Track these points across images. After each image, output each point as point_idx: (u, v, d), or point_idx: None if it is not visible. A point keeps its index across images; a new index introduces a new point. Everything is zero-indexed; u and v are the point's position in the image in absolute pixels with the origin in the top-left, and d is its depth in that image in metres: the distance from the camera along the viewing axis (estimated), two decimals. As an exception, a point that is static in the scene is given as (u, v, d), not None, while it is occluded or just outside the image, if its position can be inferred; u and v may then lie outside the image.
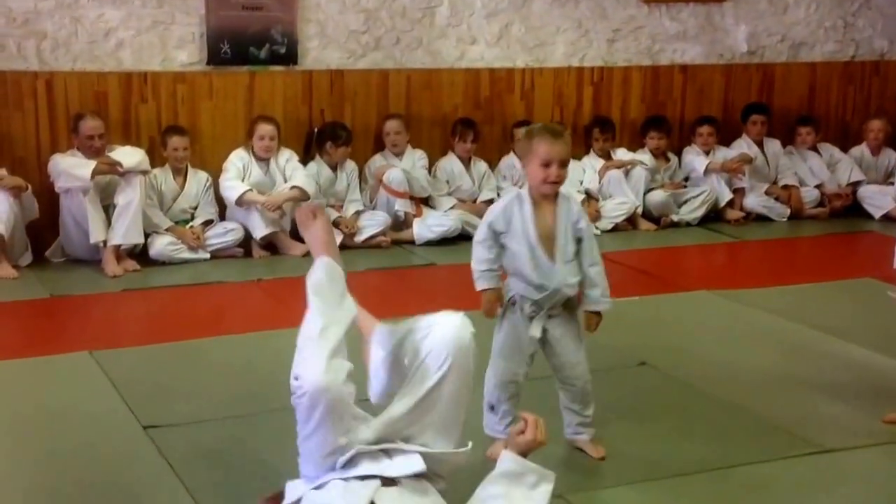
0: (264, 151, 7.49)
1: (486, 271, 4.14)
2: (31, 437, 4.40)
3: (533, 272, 4.07)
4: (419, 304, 4.05)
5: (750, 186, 8.77)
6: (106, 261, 6.89)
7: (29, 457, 4.21)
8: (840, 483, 4.09)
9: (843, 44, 9.66)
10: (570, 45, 8.69)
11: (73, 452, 4.23)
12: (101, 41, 7.42)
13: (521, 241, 4.09)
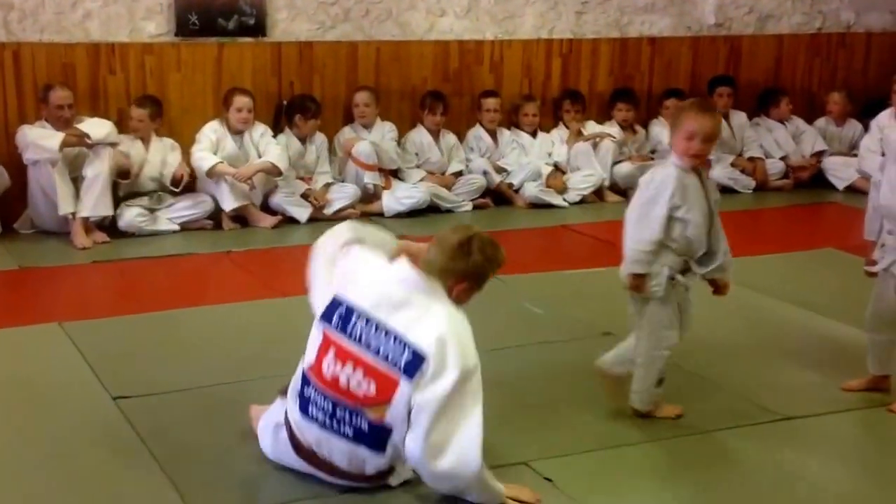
0: (242, 123, 7.48)
1: (649, 252, 4.23)
2: (1, 410, 4.42)
3: (708, 240, 4.21)
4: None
5: (716, 158, 8.82)
6: (75, 233, 6.89)
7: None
8: (802, 449, 4.17)
9: (810, 16, 9.72)
10: (538, 17, 8.72)
11: (43, 423, 4.26)
12: (68, 12, 7.39)
13: (697, 211, 4.17)
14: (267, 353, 4.94)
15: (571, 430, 4.24)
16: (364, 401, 3.56)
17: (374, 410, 3.56)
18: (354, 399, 3.58)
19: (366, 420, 3.57)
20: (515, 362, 4.90)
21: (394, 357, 3.51)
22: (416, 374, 3.47)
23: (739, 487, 3.86)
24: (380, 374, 3.54)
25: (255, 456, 3.93)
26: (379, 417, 3.55)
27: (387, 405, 3.53)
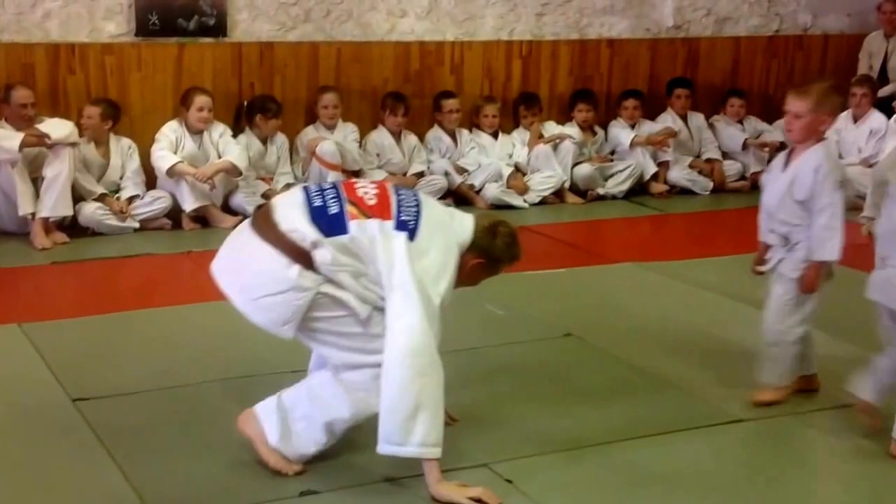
0: (202, 123, 7.46)
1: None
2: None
3: None
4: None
5: (674, 160, 8.92)
6: (35, 233, 6.85)
7: (-43, 430, 4.22)
8: (756, 451, 4.23)
9: (767, 18, 9.82)
10: (498, 18, 8.75)
11: (1, 426, 4.23)
12: (27, 12, 7.35)
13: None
14: (227, 355, 4.94)
15: (532, 432, 4.27)
16: (360, 206, 3.71)
17: (355, 214, 3.68)
18: (353, 195, 3.74)
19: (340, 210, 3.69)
20: (477, 363, 4.92)
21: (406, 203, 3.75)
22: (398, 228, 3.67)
23: (697, 490, 3.90)
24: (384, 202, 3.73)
25: (217, 457, 3.94)
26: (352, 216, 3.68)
27: (368, 216, 3.68)
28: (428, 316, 3.61)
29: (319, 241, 3.64)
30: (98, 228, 7.15)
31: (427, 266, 3.67)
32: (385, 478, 3.83)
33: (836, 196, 4.25)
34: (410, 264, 3.62)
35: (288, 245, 3.67)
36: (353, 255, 3.66)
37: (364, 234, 3.66)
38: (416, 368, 3.59)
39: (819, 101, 4.24)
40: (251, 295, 3.74)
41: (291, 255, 3.66)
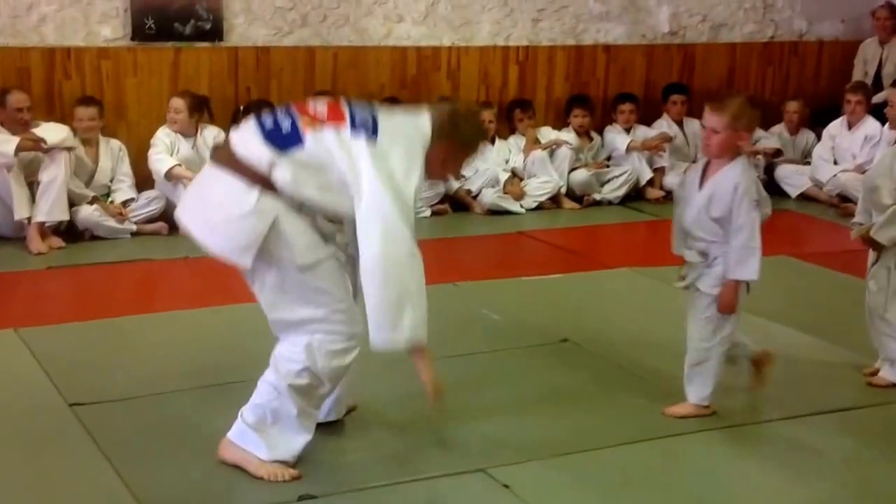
0: (172, 124, 7.46)
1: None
2: (-44, 416, 4.40)
3: None
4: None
5: (670, 165, 8.92)
6: (30, 238, 6.84)
7: (-46, 435, 4.21)
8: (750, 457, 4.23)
9: (763, 25, 9.84)
10: (495, 24, 8.76)
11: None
12: (23, 16, 7.35)
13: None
14: (224, 360, 4.93)
15: (529, 437, 4.27)
16: (311, 118, 3.73)
17: (308, 124, 3.70)
18: (304, 112, 3.75)
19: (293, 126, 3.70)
20: (473, 369, 4.92)
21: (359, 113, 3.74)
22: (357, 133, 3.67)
23: (694, 494, 3.90)
24: (337, 112, 3.74)
25: (214, 463, 3.93)
26: (305, 127, 3.69)
27: (318, 127, 3.69)
28: (400, 212, 3.62)
29: (275, 159, 3.66)
30: (96, 231, 7.13)
31: (393, 166, 3.66)
32: (382, 482, 3.83)
33: (753, 214, 4.17)
34: (376, 165, 3.63)
35: (245, 170, 3.68)
36: (314, 168, 3.67)
37: (321, 144, 3.67)
38: (396, 267, 3.64)
39: (735, 117, 4.17)
40: (211, 224, 3.75)
41: (250, 180, 3.66)
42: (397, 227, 3.61)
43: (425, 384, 3.77)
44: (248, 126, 3.80)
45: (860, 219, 4.82)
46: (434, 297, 5.89)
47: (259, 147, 3.68)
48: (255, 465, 3.83)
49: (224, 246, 3.74)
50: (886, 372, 4.81)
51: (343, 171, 3.65)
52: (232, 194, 3.68)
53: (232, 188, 3.68)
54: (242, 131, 3.82)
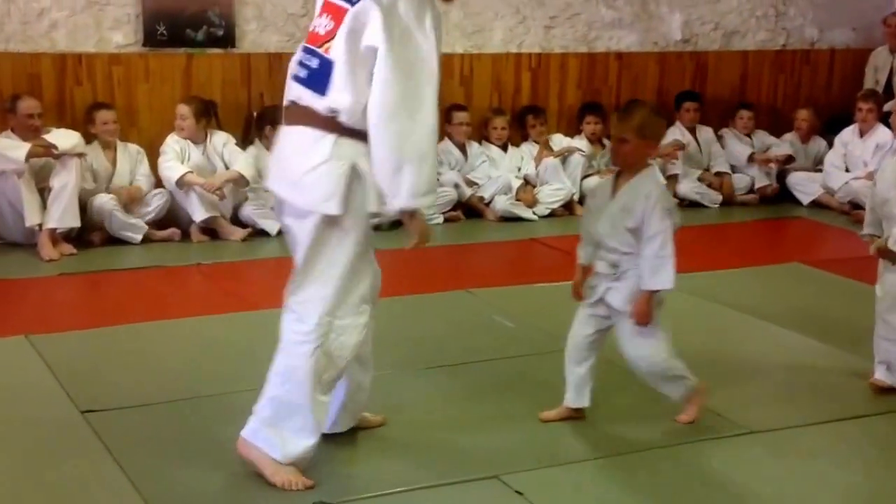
0: (180, 131, 7.46)
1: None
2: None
3: None
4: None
5: (683, 173, 8.90)
6: (42, 244, 6.84)
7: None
8: (764, 464, 4.19)
9: (775, 32, 9.82)
10: (507, 31, 8.75)
11: (9, 438, 4.21)
12: (34, 22, 7.35)
13: None
14: (237, 367, 4.91)
15: (543, 444, 4.24)
16: (324, 38, 3.69)
17: (324, 46, 3.68)
18: (317, 39, 3.71)
19: (317, 58, 3.69)
20: (486, 375, 4.90)
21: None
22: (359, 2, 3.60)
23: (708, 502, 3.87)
24: (339, 11, 3.66)
25: (228, 469, 3.91)
26: (326, 50, 3.66)
27: (333, 38, 3.64)
28: (402, 68, 3.58)
29: (328, 95, 3.66)
30: (109, 224, 7.12)
31: (402, 13, 3.61)
32: (395, 489, 3.81)
33: (666, 223, 4.13)
34: (384, 24, 3.57)
35: (315, 118, 3.69)
36: (355, 73, 3.63)
37: (343, 49, 3.63)
38: (394, 125, 3.60)
39: (642, 126, 4.11)
40: (294, 177, 3.73)
41: (322, 127, 3.67)
42: (396, 84, 3.59)
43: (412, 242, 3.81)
44: (295, 85, 3.79)
45: (870, 230, 4.78)
46: (447, 304, 5.95)
47: (311, 97, 3.70)
48: (271, 469, 3.81)
49: (311, 197, 3.70)
50: (882, 374, 4.76)
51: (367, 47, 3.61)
52: (308, 144, 3.69)
53: (307, 139, 3.70)
54: (293, 88, 3.80)
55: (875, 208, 4.76)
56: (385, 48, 3.57)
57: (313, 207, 3.69)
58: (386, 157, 3.63)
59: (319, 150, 3.67)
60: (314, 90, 3.70)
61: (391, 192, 3.65)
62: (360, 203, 3.71)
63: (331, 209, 3.67)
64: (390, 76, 3.58)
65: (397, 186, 3.64)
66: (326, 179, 3.66)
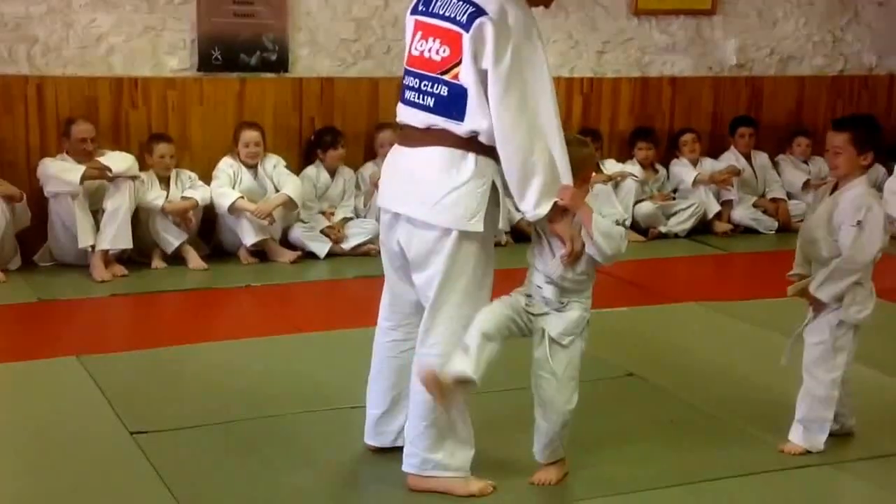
0: (250, 158, 7.49)
1: None
2: (17, 443, 4.39)
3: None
4: (408, 313, 4.06)
5: (738, 199, 8.81)
6: (94, 265, 6.88)
7: (15, 463, 4.21)
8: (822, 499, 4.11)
9: (832, 58, 9.71)
10: (559, 55, 8.72)
11: (60, 458, 4.22)
12: (92, 46, 7.42)
13: None
14: (286, 390, 4.90)
15: (593, 473, 4.17)
16: (442, 65, 3.74)
17: (450, 73, 3.72)
18: (434, 66, 3.76)
19: (444, 85, 3.73)
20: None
21: (458, 15, 3.69)
22: (473, 24, 3.64)
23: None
24: (451, 35, 3.71)
25: (276, 492, 3.89)
26: (454, 77, 3.70)
27: (458, 64, 3.69)
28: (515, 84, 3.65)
29: (465, 121, 3.71)
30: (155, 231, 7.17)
31: (512, 28, 3.65)
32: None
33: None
34: (496, 42, 3.62)
35: (453, 139, 3.73)
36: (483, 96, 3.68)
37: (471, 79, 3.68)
38: (515, 141, 3.66)
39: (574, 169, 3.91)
40: (434, 198, 3.74)
41: (463, 147, 3.72)
42: (513, 110, 3.65)
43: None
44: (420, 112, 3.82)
45: (799, 270, 4.56)
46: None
47: (447, 122, 3.74)
48: (460, 486, 3.86)
49: (451, 217, 3.74)
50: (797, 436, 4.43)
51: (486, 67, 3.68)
52: (449, 164, 3.74)
53: (446, 158, 3.74)
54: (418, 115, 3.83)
55: (803, 247, 4.49)
56: (497, 65, 3.63)
57: (456, 225, 3.73)
58: (513, 171, 3.70)
59: (462, 169, 3.72)
60: (449, 117, 3.74)
61: (523, 203, 3.73)
62: (494, 220, 3.79)
63: (476, 227, 3.73)
64: (504, 93, 3.63)
65: (527, 197, 3.71)
66: (470, 198, 3.71)
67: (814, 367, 4.38)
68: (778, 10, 9.41)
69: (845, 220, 4.24)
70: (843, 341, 4.34)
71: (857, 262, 4.24)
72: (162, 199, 7.19)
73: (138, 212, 7.13)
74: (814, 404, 4.37)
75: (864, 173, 4.34)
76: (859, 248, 4.21)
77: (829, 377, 4.34)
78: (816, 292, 4.30)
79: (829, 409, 4.35)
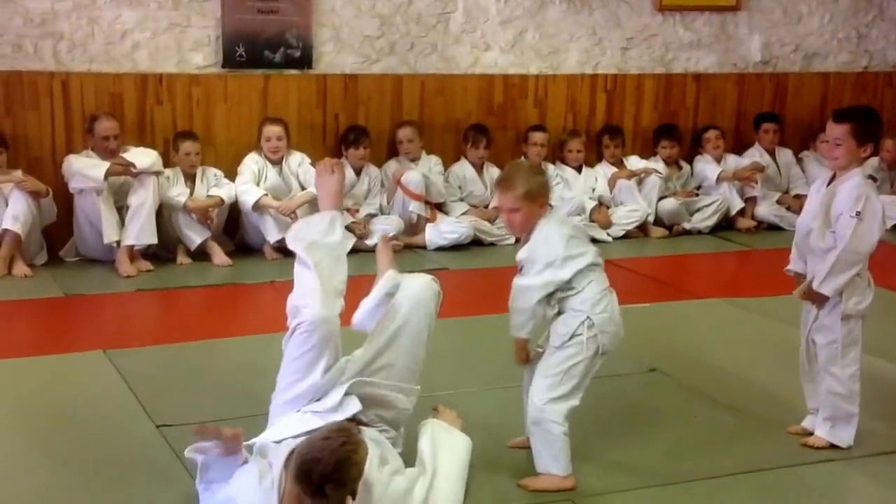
0: (272, 153, 7.52)
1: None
2: (45, 436, 4.43)
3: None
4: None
5: (762, 195, 8.79)
6: (119, 261, 6.92)
7: (43, 455, 4.24)
8: (848, 491, 4.11)
9: (857, 55, 9.67)
10: (583, 52, 8.72)
11: (87, 450, 4.26)
12: (117, 43, 7.46)
13: None
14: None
15: (616, 467, 4.20)
16: None
17: None
18: None
19: None
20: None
21: None
22: None
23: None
24: None
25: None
26: None
27: None
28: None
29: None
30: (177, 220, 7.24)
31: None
32: None
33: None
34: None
35: None
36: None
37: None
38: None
39: (528, 191, 3.96)
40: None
41: None
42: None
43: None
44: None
45: (795, 267, 4.53)
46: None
47: None
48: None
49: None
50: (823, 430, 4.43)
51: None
52: None
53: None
54: None
55: (799, 242, 4.49)
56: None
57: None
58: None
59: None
60: None
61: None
62: None
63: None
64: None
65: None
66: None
67: (831, 366, 4.37)
68: (802, 7, 9.39)
69: (844, 212, 4.23)
70: (853, 336, 4.35)
71: (859, 253, 4.25)
72: (185, 196, 7.23)
73: (162, 208, 7.18)
74: (838, 402, 4.37)
75: (861, 164, 4.33)
76: (859, 237, 4.22)
77: (846, 373, 4.35)
78: (820, 288, 4.30)
79: (853, 404, 4.36)
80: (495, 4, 8.38)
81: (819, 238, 4.31)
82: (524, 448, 4.16)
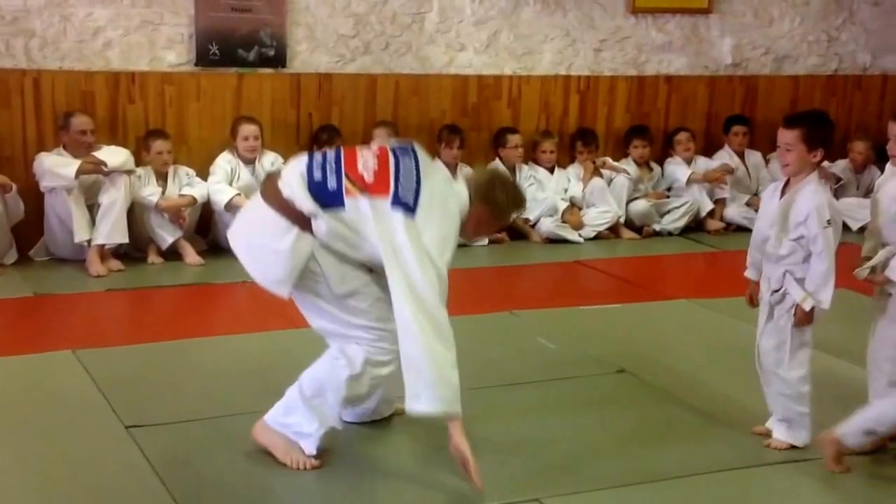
0: (248, 152, 7.52)
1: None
2: (12, 436, 4.42)
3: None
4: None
5: (731, 197, 8.85)
6: (90, 260, 6.90)
7: (9, 456, 4.23)
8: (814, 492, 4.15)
9: (827, 58, 9.74)
10: (557, 53, 8.75)
11: (55, 451, 4.25)
12: (89, 40, 7.44)
13: None
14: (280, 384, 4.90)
15: (584, 467, 4.22)
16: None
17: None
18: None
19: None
20: (530, 397, 4.89)
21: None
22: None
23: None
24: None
25: (270, 487, 3.92)
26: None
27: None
28: (433, 289, 3.80)
29: (316, 212, 3.89)
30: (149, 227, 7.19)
31: (429, 240, 3.83)
32: None
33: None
34: (413, 242, 3.80)
35: (287, 210, 3.94)
36: (349, 228, 3.91)
37: (359, 212, 3.88)
38: (428, 342, 3.78)
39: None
40: (254, 254, 4.05)
41: (290, 219, 3.93)
42: (431, 304, 3.80)
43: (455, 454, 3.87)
44: (299, 167, 4.00)
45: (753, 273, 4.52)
46: (491, 326, 5.94)
47: (303, 196, 3.92)
48: (282, 450, 4.07)
49: (263, 276, 4.07)
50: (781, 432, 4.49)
51: (376, 240, 3.85)
52: (272, 230, 3.96)
53: (273, 224, 3.95)
54: (291, 171, 4.02)
55: (753, 249, 4.52)
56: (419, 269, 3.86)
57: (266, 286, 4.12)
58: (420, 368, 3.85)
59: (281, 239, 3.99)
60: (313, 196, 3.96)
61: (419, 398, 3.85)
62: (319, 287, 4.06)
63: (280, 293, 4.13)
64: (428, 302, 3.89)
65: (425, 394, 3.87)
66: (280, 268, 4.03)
67: (778, 369, 4.42)
68: (773, 10, 9.45)
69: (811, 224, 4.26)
70: (803, 338, 4.40)
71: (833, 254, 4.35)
72: (156, 195, 7.21)
73: (133, 207, 7.16)
74: (788, 403, 4.43)
75: (814, 170, 4.33)
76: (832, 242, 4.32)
77: (795, 375, 4.40)
78: (820, 303, 4.38)
79: (803, 405, 4.42)
80: (470, 5, 8.40)
81: (776, 245, 4.34)
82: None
